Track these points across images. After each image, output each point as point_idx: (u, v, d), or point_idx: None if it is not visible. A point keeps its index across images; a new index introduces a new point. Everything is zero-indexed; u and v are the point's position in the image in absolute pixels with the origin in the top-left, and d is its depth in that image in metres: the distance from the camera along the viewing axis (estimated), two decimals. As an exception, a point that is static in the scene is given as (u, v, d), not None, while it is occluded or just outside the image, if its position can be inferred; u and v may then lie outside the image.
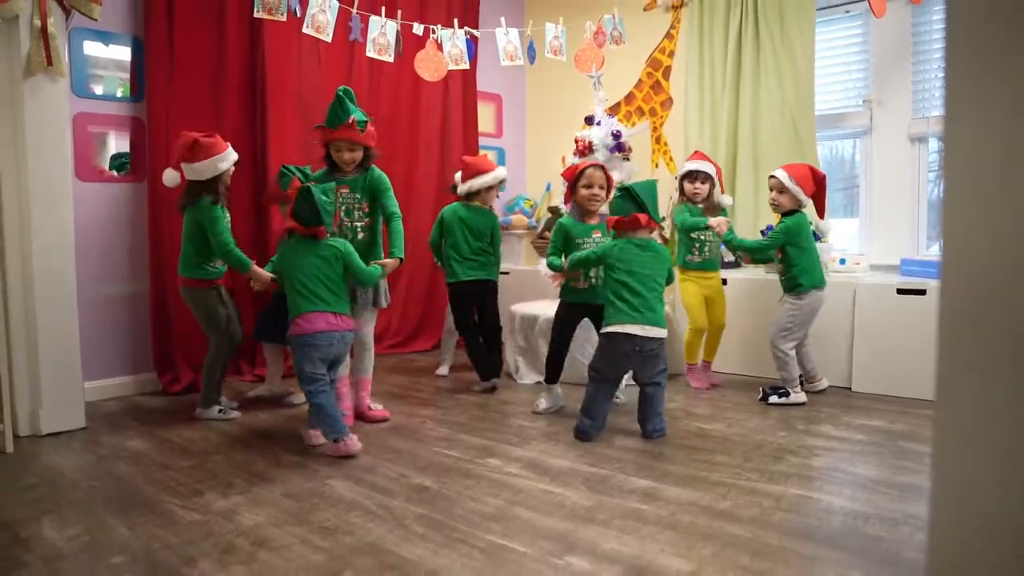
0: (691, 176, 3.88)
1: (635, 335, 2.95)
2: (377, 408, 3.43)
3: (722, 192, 3.98)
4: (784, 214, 3.60)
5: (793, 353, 3.55)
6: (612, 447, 2.93)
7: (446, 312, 4.35)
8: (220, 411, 3.43)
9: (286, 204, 3.61)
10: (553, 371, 3.50)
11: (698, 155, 3.97)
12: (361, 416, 3.37)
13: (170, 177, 3.38)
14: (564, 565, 1.90)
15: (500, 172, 4.03)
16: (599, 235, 3.34)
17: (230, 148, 3.37)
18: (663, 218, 4.00)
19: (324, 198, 2.94)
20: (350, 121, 3.07)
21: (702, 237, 3.85)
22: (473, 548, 2.01)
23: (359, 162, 3.21)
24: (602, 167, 3.41)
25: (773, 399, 3.56)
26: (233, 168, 3.41)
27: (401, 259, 3.19)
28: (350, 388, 3.34)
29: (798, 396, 3.54)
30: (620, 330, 2.96)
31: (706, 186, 3.87)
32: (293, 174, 3.58)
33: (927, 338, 3.52)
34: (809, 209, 3.66)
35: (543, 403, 3.53)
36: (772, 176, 3.62)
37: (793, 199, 3.54)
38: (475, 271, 3.95)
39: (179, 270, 3.42)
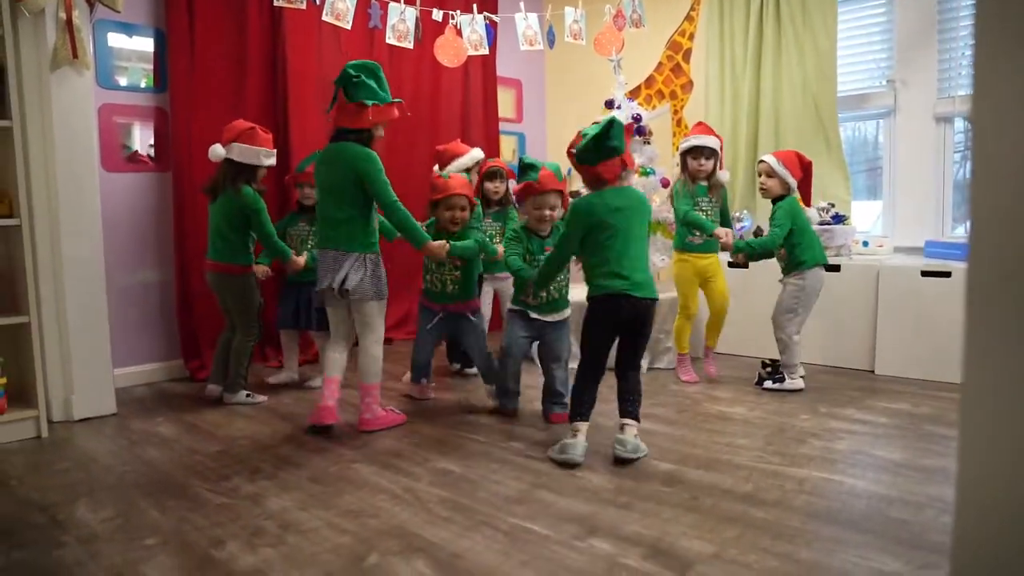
0: (695, 152, 3.62)
1: None
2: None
3: (721, 168, 3.72)
4: (774, 200, 3.52)
5: (797, 338, 3.47)
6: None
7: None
8: (247, 395, 3.48)
9: (302, 185, 3.69)
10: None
11: (702, 127, 3.72)
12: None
13: (217, 152, 3.34)
14: (587, 547, 1.92)
15: (476, 153, 3.89)
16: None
17: (274, 152, 3.47)
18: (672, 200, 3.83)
19: None
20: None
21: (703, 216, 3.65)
22: (496, 531, 2.03)
23: None
24: None
25: (768, 384, 3.52)
26: (265, 172, 3.47)
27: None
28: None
29: (795, 383, 3.47)
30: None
31: (711, 162, 3.62)
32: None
33: (951, 321, 3.48)
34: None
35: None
36: (761, 161, 3.55)
37: (782, 183, 3.47)
38: None
39: (213, 256, 3.43)
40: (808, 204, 3.63)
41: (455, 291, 3.37)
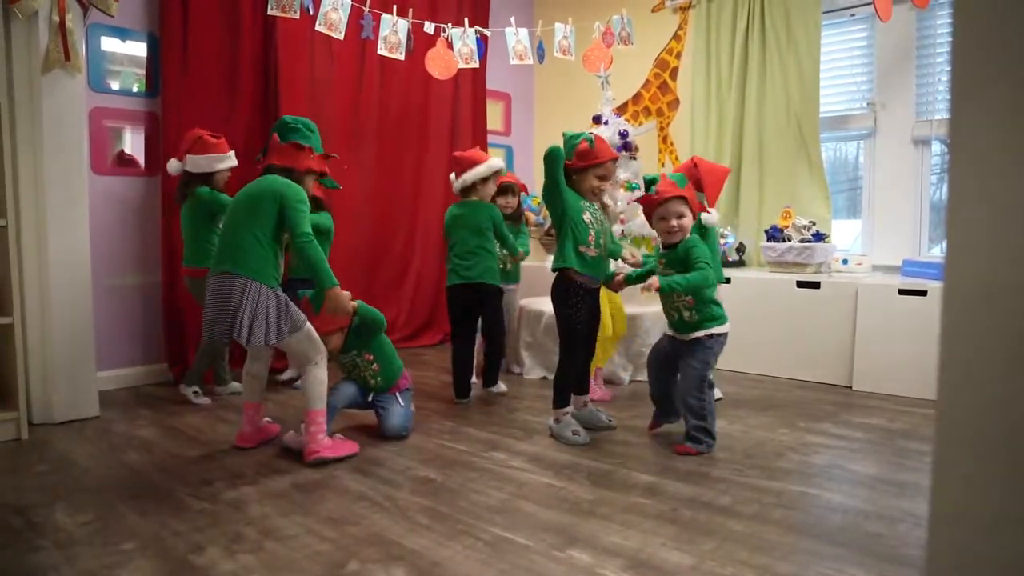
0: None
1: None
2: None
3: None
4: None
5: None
6: (614, 442, 2.96)
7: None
8: (195, 392, 3.56)
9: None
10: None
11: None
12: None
13: (174, 167, 3.51)
14: (566, 558, 1.93)
15: (495, 162, 3.73)
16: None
17: (232, 153, 3.56)
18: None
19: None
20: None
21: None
22: (477, 540, 2.05)
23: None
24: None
25: None
26: (229, 173, 3.57)
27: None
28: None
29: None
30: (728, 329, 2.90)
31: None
32: None
33: (927, 339, 3.54)
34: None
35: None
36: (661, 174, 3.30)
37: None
38: (469, 272, 3.62)
39: (185, 262, 3.56)
40: (712, 204, 3.39)
41: (377, 383, 3.05)
